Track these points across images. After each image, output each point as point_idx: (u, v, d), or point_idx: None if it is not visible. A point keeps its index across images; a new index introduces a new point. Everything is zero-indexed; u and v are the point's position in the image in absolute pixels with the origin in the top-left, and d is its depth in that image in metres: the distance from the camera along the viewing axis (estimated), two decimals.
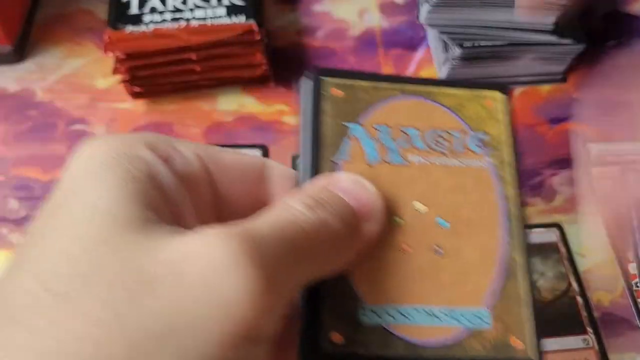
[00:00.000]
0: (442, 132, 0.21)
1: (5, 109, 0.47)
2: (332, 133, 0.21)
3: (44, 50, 0.51)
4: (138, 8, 0.45)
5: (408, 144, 0.21)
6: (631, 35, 0.53)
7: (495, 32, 0.45)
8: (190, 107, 0.48)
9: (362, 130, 0.21)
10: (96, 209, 0.15)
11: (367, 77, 0.22)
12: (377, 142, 0.21)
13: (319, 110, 0.21)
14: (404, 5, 0.55)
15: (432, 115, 0.21)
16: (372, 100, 0.21)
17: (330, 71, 0.22)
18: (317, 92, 0.21)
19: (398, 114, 0.21)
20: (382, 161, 0.20)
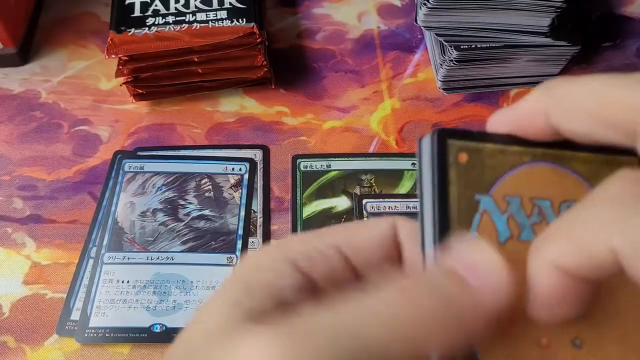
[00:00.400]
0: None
1: (10, 110, 0.48)
2: (461, 207, 0.18)
3: (48, 52, 0.52)
4: (140, 11, 0.46)
5: (540, 218, 0.19)
6: (625, 37, 0.54)
7: (492, 34, 0.45)
8: (192, 108, 0.49)
9: (493, 203, 0.18)
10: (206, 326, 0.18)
11: (494, 139, 0.19)
12: (509, 216, 0.18)
13: (445, 180, 0.18)
14: (401, 8, 0.56)
15: (564, 184, 0.19)
16: (501, 168, 0.19)
17: (454, 132, 0.19)
18: (443, 157, 0.18)
19: (529, 183, 0.19)
20: (513, 238, 0.18)
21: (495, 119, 0.19)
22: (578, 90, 0.17)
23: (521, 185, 0.19)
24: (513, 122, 0.19)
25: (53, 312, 0.38)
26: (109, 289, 0.39)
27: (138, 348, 0.37)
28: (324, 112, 0.49)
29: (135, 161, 0.45)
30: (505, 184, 0.19)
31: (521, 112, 0.19)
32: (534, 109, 0.18)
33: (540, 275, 0.16)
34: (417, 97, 0.50)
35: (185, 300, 0.39)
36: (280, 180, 0.45)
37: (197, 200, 0.43)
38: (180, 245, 0.41)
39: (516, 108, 0.19)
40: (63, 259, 0.41)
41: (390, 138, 0.47)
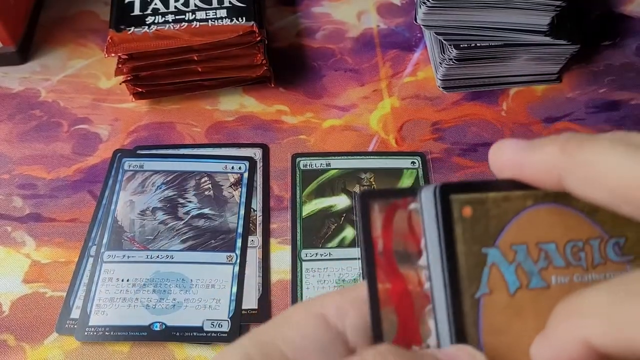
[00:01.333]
0: (580, 242, 0.19)
1: (9, 109, 0.48)
2: (469, 264, 0.18)
3: (48, 51, 0.52)
4: (140, 10, 0.46)
5: (547, 262, 0.19)
6: (625, 36, 0.54)
7: (491, 32, 0.45)
8: (191, 107, 0.49)
9: (500, 255, 0.18)
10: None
11: (496, 186, 0.19)
12: (517, 265, 0.18)
13: (452, 238, 0.18)
14: (401, 7, 0.56)
15: (568, 223, 0.19)
16: (505, 216, 0.19)
17: (455, 187, 0.19)
18: (448, 215, 0.18)
19: (533, 228, 0.19)
20: (522, 288, 0.18)
21: (503, 154, 0.19)
22: (599, 160, 0.16)
23: (526, 230, 0.19)
24: (521, 172, 0.18)
25: (53, 311, 0.39)
26: (109, 287, 0.39)
27: (138, 346, 0.37)
28: (324, 110, 0.49)
29: (135, 160, 0.45)
30: (511, 232, 0.19)
31: (533, 166, 0.18)
32: (548, 167, 0.17)
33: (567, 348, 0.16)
34: (417, 95, 0.50)
35: (185, 298, 0.39)
36: (280, 178, 0.45)
37: (197, 199, 0.43)
38: (180, 244, 0.41)
39: (527, 158, 0.18)
40: (63, 258, 0.41)
41: (389, 137, 0.47)
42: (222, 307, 0.39)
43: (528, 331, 0.18)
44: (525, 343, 0.18)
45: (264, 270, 0.41)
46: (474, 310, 0.18)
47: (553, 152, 0.17)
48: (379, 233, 0.19)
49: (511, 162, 0.18)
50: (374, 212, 0.19)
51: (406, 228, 0.19)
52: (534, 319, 0.18)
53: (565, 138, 0.17)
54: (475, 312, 0.18)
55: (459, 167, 0.46)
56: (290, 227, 0.42)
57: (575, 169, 0.17)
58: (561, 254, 0.19)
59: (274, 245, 0.42)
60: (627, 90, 0.50)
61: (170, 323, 0.38)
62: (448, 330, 0.18)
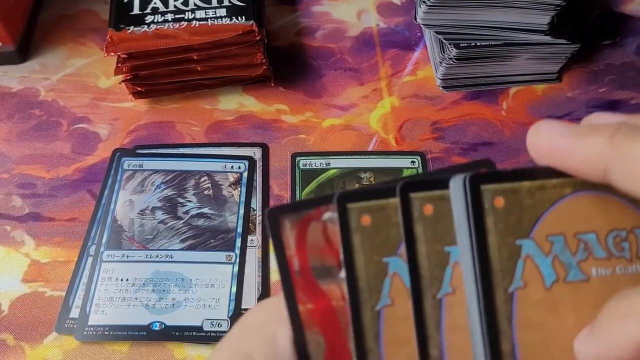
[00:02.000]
0: (624, 232, 0.18)
1: (9, 108, 0.48)
2: (502, 256, 0.17)
3: (47, 50, 0.52)
4: (140, 9, 0.46)
5: (587, 253, 0.18)
6: (625, 35, 0.54)
7: (491, 32, 0.45)
8: (191, 106, 0.49)
9: (535, 247, 0.17)
10: None
11: (530, 175, 0.18)
12: (554, 258, 0.17)
13: (483, 230, 0.17)
14: (401, 6, 0.56)
15: (610, 211, 0.18)
16: (540, 206, 0.18)
17: (486, 176, 0.17)
18: (479, 207, 0.17)
19: (572, 217, 0.18)
20: (559, 281, 0.17)
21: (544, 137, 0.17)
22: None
23: (564, 220, 0.18)
24: (563, 161, 0.17)
25: (52, 310, 0.39)
26: (108, 287, 0.39)
27: (137, 346, 0.37)
28: (323, 110, 0.49)
29: (134, 159, 0.45)
30: (547, 223, 0.18)
31: (576, 155, 0.17)
32: (594, 158, 0.16)
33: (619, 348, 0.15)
34: (417, 95, 0.50)
35: (185, 298, 0.39)
36: (280, 178, 0.45)
37: (196, 198, 0.43)
38: (180, 243, 0.41)
39: (571, 146, 0.17)
40: (62, 257, 0.41)
41: (389, 136, 0.47)
42: (222, 306, 0.39)
43: (566, 327, 0.17)
44: (562, 339, 0.17)
45: (263, 270, 0.41)
46: (508, 304, 0.17)
47: (600, 142, 0.16)
48: (292, 252, 0.18)
49: (552, 148, 0.17)
50: (286, 229, 0.18)
51: (322, 240, 0.18)
52: (573, 313, 0.17)
53: (615, 128, 0.16)
54: (509, 307, 0.17)
55: None
56: None
57: (625, 163, 0.15)
58: (602, 244, 0.18)
59: None
60: (627, 89, 0.50)
61: (170, 323, 0.38)
62: (480, 327, 0.17)
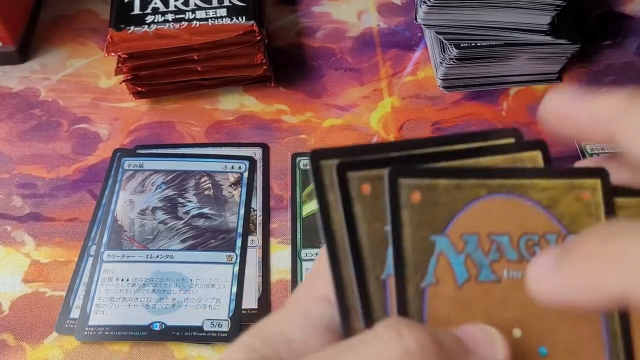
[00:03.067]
0: (535, 236, 0.18)
1: (9, 108, 0.48)
2: (415, 250, 0.17)
3: (48, 50, 0.52)
4: (140, 9, 0.46)
5: (499, 254, 0.18)
6: (626, 35, 0.54)
7: (492, 32, 0.45)
8: (191, 106, 0.49)
9: (449, 244, 0.18)
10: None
11: (448, 173, 0.18)
12: (466, 257, 0.18)
13: (398, 223, 0.17)
14: (401, 6, 0.56)
15: (524, 215, 0.18)
16: (456, 204, 0.18)
17: (404, 171, 0.18)
18: (395, 199, 0.17)
19: (486, 218, 0.18)
20: (471, 280, 0.17)
21: (557, 104, 0.17)
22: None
23: (478, 221, 0.18)
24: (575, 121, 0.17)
25: (52, 310, 0.39)
26: (109, 287, 0.39)
27: (137, 346, 0.37)
28: (324, 110, 0.49)
29: (134, 159, 0.45)
30: (462, 221, 0.18)
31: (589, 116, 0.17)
32: (606, 118, 0.16)
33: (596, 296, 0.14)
34: (417, 95, 0.50)
35: (185, 298, 0.39)
36: (280, 178, 0.45)
37: (197, 199, 0.43)
38: (180, 244, 0.41)
39: (584, 107, 0.17)
40: (62, 257, 0.41)
41: (390, 136, 0.47)
42: (222, 306, 0.39)
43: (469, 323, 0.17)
44: None
45: (264, 270, 0.41)
46: (418, 299, 0.17)
47: (614, 104, 0.16)
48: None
49: (566, 110, 0.17)
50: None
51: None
52: (482, 313, 0.17)
53: (626, 94, 0.16)
54: (419, 302, 0.17)
55: None
56: (290, 226, 0.42)
57: (634, 127, 0.16)
58: (514, 247, 0.18)
59: (274, 244, 0.42)
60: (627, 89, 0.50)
61: (170, 323, 0.38)
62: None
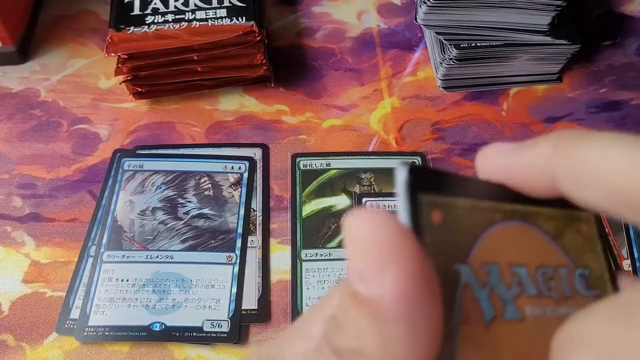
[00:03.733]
0: (550, 269, 0.17)
1: (9, 108, 0.48)
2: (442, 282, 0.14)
3: (48, 50, 0.52)
4: (140, 9, 0.46)
5: (520, 289, 0.16)
6: (626, 35, 0.54)
7: (491, 32, 0.45)
8: (191, 106, 0.49)
9: (472, 274, 0.15)
10: None
11: (465, 190, 0.16)
12: (490, 290, 0.15)
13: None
14: (401, 6, 0.56)
15: (537, 246, 0.17)
16: (475, 228, 0.15)
17: (424, 182, 0.15)
18: (418, 218, 0.14)
19: (504, 246, 0.16)
20: (498, 318, 0.15)
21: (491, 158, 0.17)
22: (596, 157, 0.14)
23: (498, 250, 0.16)
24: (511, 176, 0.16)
25: (52, 311, 0.39)
26: (109, 287, 0.39)
27: (137, 346, 0.37)
28: (324, 110, 0.49)
29: (134, 160, 0.45)
30: (483, 249, 0.15)
31: (523, 168, 0.16)
32: (540, 168, 0.16)
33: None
34: (417, 95, 0.50)
35: (185, 298, 0.39)
36: (280, 178, 0.45)
37: (197, 199, 0.43)
38: (180, 244, 0.41)
39: (519, 158, 0.16)
40: (62, 258, 0.41)
41: (389, 137, 0.47)
42: (222, 307, 0.39)
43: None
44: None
45: (263, 271, 0.41)
46: (450, 341, 0.14)
47: (545, 151, 0.15)
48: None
49: (499, 165, 0.17)
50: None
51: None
52: (513, 357, 0.15)
53: (558, 135, 0.15)
54: (452, 345, 0.14)
55: (459, 167, 0.46)
56: (290, 227, 0.42)
57: (570, 168, 0.15)
58: (532, 280, 0.16)
59: (274, 245, 0.42)
60: (627, 90, 0.50)
61: (170, 323, 0.38)
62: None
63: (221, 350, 0.38)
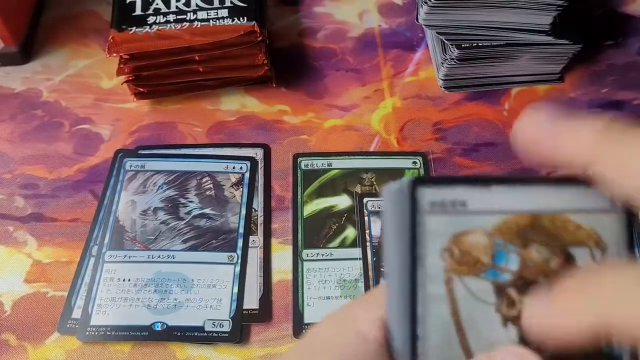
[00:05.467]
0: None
1: (11, 109, 0.48)
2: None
3: (50, 51, 0.52)
4: (142, 10, 0.46)
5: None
6: (628, 35, 0.54)
7: (493, 32, 0.45)
8: (193, 107, 0.49)
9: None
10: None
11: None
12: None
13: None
14: (402, 6, 0.56)
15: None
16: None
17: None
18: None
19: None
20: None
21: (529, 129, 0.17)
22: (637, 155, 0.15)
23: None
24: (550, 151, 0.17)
25: (54, 310, 0.39)
26: (110, 287, 0.39)
27: (139, 346, 0.38)
28: (325, 110, 0.49)
29: (136, 160, 0.45)
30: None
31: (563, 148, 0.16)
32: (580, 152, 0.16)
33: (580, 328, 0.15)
34: (418, 95, 0.50)
35: (186, 298, 0.39)
36: (281, 178, 0.45)
37: (198, 199, 0.43)
38: (181, 244, 0.41)
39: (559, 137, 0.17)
40: (64, 258, 0.41)
41: (391, 137, 0.47)
42: (223, 307, 0.39)
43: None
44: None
45: (265, 270, 0.41)
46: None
47: (588, 137, 0.16)
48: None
49: (541, 133, 0.17)
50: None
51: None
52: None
53: (602, 126, 0.16)
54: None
55: (460, 167, 0.46)
56: (291, 227, 0.42)
57: (610, 161, 0.16)
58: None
59: (275, 245, 0.42)
60: (629, 89, 0.50)
61: (172, 323, 0.38)
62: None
63: (222, 350, 0.38)
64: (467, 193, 0.17)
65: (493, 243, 0.17)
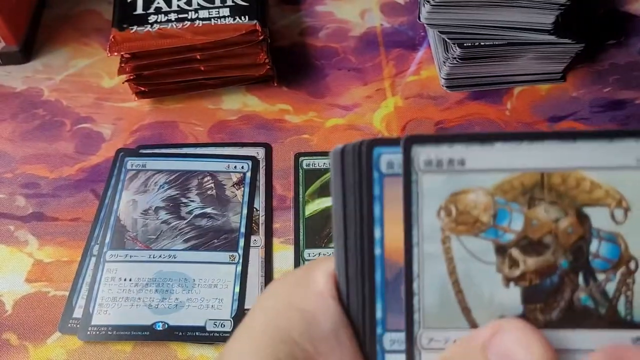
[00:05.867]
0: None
1: (12, 108, 0.48)
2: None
3: (51, 50, 0.52)
4: (143, 8, 0.46)
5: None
6: (630, 34, 0.53)
7: (495, 31, 0.45)
8: (194, 106, 0.49)
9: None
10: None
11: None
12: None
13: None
14: (404, 5, 0.56)
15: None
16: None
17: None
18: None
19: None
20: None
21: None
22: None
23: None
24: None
25: (56, 310, 0.39)
26: (111, 287, 0.39)
27: (140, 346, 0.37)
28: (327, 110, 0.49)
29: (137, 159, 0.45)
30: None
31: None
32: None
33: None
34: (420, 94, 0.49)
35: (188, 298, 0.39)
36: (283, 178, 0.45)
37: (200, 198, 0.43)
38: (183, 244, 0.41)
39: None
40: (65, 257, 0.41)
41: (393, 136, 0.47)
42: (225, 306, 0.38)
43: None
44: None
45: (266, 270, 0.40)
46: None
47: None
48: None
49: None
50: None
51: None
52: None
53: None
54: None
55: None
56: (293, 226, 0.42)
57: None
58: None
59: (277, 244, 0.42)
60: (632, 89, 0.50)
61: (173, 323, 0.38)
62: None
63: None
64: (466, 151, 0.17)
65: (494, 202, 0.17)
